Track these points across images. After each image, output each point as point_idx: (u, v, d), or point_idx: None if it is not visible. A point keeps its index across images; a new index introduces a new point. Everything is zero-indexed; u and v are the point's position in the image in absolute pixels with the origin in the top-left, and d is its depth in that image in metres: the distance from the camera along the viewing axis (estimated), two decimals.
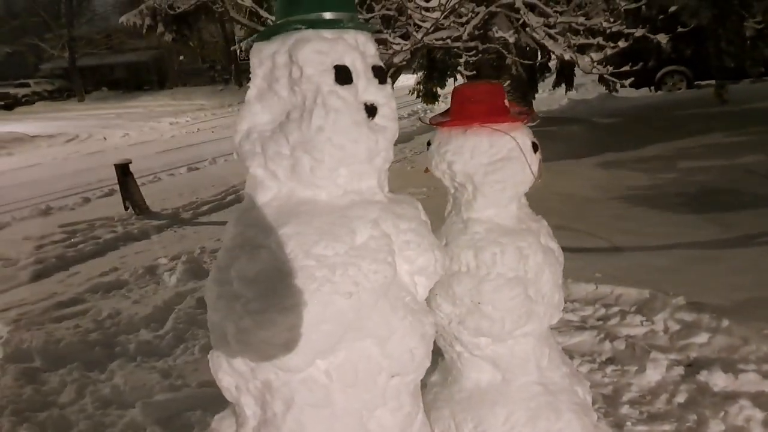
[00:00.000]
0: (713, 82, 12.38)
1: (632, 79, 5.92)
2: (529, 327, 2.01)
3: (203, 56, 35.24)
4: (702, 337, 3.38)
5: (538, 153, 2.13)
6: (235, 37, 12.58)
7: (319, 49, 1.50)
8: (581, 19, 4.23)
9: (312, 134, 1.49)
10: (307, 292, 1.43)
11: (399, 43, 3.67)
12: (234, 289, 1.49)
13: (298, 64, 1.50)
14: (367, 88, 1.55)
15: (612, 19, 4.35)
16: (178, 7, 6.10)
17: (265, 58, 1.57)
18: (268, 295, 1.44)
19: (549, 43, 4.42)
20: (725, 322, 3.43)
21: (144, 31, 7.46)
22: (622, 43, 4.52)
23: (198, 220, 8.07)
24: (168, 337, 4.10)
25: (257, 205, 1.57)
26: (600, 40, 4.74)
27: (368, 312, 1.50)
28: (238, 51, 11.40)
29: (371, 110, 1.55)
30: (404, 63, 4.37)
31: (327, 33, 1.53)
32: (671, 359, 3.20)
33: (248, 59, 1.62)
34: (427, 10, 3.57)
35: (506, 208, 2.08)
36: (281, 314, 1.42)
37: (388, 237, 1.56)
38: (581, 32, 4.83)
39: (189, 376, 3.55)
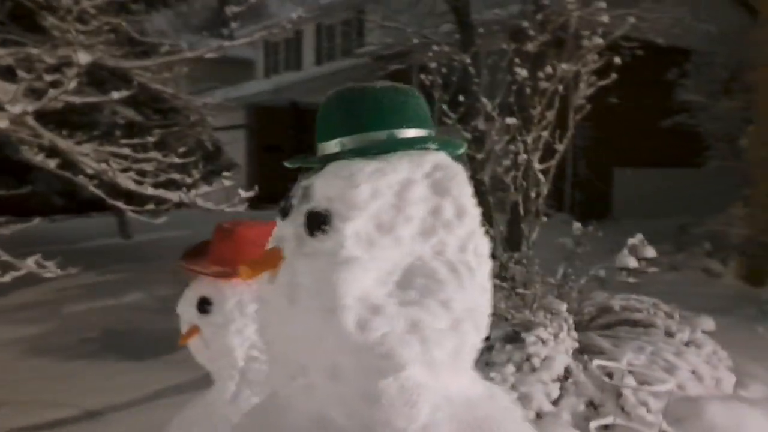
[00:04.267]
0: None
1: None
2: None
3: None
4: None
5: None
6: None
7: (466, 181, 1.03)
8: None
9: (478, 298, 1.01)
10: None
11: None
12: None
13: (457, 201, 0.99)
14: None
15: None
16: None
17: (386, 189, 0.94)
18: None
19: None
20: None
21: None
22: None
23: None
24: None
25: (421, 426, 0.91)
26: None
27: None
28: None
29: None
30: None
31: (450, 159, 1.06)
32: None
33: None
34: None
35: None
36: None
37: None
38: None
39: None
